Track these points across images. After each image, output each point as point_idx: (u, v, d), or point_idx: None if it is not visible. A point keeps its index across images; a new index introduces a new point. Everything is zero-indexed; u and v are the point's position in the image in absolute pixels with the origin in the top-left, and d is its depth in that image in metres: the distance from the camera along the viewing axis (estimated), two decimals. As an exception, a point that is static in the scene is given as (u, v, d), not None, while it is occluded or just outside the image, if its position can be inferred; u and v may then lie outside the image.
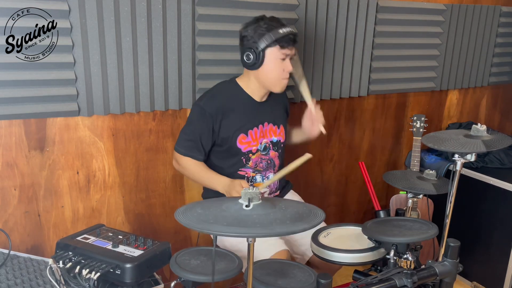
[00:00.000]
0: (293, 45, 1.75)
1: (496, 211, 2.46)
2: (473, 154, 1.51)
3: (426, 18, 2.69)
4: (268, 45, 1.70)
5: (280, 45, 1.71)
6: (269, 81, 1.79)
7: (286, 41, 1.71)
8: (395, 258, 1.44)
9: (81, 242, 1.56)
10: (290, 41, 1.72)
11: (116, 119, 1.93)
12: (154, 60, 1.91)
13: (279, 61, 1.74)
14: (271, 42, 1.70)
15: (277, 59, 1.73)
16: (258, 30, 1.71)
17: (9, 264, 1.48)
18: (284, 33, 1.70)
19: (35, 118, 1.77)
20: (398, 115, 2.85)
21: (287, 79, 1.80)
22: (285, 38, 1.70)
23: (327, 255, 1.47)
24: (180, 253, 1.47)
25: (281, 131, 1.96)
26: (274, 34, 1.69)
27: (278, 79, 1.78)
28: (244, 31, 1.75)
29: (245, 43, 1.75)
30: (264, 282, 1.34)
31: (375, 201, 2.28)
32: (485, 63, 3.06)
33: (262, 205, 1.12)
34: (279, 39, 1.70)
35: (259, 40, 1.70)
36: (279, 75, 1.77)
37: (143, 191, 2.07)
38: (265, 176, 1.92)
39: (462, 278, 2.64)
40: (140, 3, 1.81)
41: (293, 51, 1.76)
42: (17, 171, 1.79)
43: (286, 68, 1.76)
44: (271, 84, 1.80)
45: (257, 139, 1.87)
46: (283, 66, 1.75)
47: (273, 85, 1.81)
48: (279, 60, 1.73)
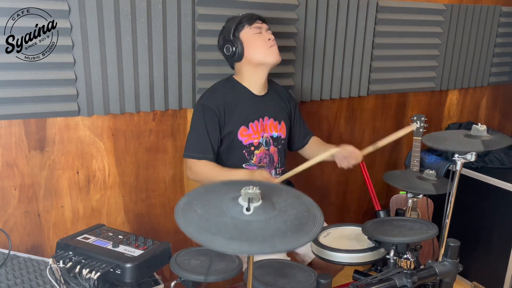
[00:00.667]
0: (260, 20, 1.82)
1: (496, 211, 2.46)
2: (473, 154, 1.51)
3: (426, 18, 2.69)
4: (237, 30, 1.79)
5: (247, 23, 1.79)
6: (259, 56, 1.81)
7: (249, 18, 1.80)
8: (395, 258, 1.44)
9: (81, 242, 1.56)
10: (254, 18, 1.81)
11: (116, 119, 1.93)
12: (154, 60, 1.91)
13: (256, 36, 1.80)
14: (238, 25, 1.79)
15: (253, 35, 1.80)
16: (226, 25, 1.83)
17: (9, 264, 1.48)
18: (245, 14, 1.81)
19: (35, 118, 1.77)
20: (398, 115, 2.85)
21: (275, 45, 1.83)
22: (246, 17, 1.80)
23: (327, 255, 1.47)
24: (180, 253, 1.47)
25: (283, 127, 1.94)
26: (236, 19, 1.80)
27: (265, 49, 1.81)
28: (219, 39, 1.87)
29: (220, 41, 1.85)
30: (264, 282, 1.34)
31: (375, 201, 2.28)
32: (485, 63, 3.06)
33: (263, 207, 1.11)
34: (243, 19, 1.79)
35: (229, 31, 1.80)
36: (263, 45, 1.81)
37: (143, 191, 2.07)
38: (269, 172, 1.92)
39: (462, 278, 2.64)
40: (140, 3, 1.81)
41: (264, 25, 1.83)
42: (17, 171, 1.79)
43: (266, 38, 1.81)
44: (261, 57, 1.81)
45: (258, 132, 1.86)
46: (262, 37, 1.81)
47: (263, 57, 1.82)
48: (256, 36, 1.80)
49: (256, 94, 1.88)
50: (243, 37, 1.79)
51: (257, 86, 1.87)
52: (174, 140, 2.08)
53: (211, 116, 1.78)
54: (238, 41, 1.78)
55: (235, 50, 1.79)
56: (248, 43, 1.79)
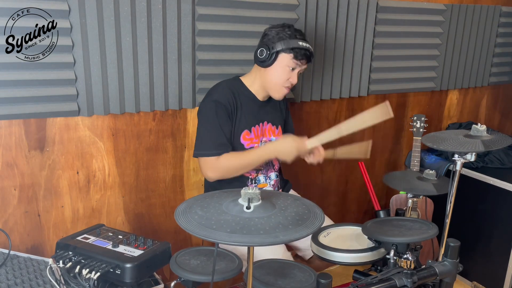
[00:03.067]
0: (306, 61, 1.79)
1: (496, 211, 2.46)
2: (473, 154, 1.51)
3: (426, 18, 2.69)
4: (284, 49, 1.74)
5: (294, 54, 1.74)
6: (272, 84, 1.81)
7: (302, 54, 1.75)
8: (395, 258, 1.44)
9: (81, 242, 1.56)
10: (305, 56, 1.76)
11: (116, 119, 1.93)
12: (154, 60, 1.91)
13: (288, 69, 1.77)
14: (287, 48, 1.73)
15: (286, 67, 1.76)
16: (281, 34, 1.75)
17: (9, 264, 1.48)
18: (303, 46, 1.75)
19: (35, 118, 1.77)
20: (398, 115, 2.85)
21: (288, 89, 1.83)
22: (301, 51, 1.75)
23: (327, 255, 1.47)
24: (180, 253, 1.47)
25: (279, 131, 1.98)
26: (293, 42, 1.74)
27: (280, 86, 1.81)
28: (268, 30, 1.80)
29: (264, 40, 1.79)
30: (264, 282, 1.34)
31: (375, 201, 2.28)
32: (485, 63, 3.06)
33: (263, 206, 1.12)
34: (296, 49, 1.74)
35: (278, 41, 1.74)
36: (283, 82, 1.80)
37: (143, 191, 2.07)
38: (267, 175, 1.93)
39: (462, 278, 2.64)
40: (140, 3, 1.81)
41: (304, 67, 1.81)
42: (17, 171, 1.79)
43: (291, 78, 1.79)
44: (272, 87, 1.83)
45: (258, 136, 1.88)
46: (290, 76, 1.78)
47: (273, 89, 1.83)
48: (288, 68, 1.77)
49: (260, 100, 1.89)
50: (280, 57, 1.75)
51: (262, 94, 1.89)
52: (174, 140, 2.08)
53: (224, 112, 1.77)
54: (274, 56, 1.75)
55: (265, 60, 1.76)
56: (277, 66, 1.77)
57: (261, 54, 1.77)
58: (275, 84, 1.81)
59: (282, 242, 1.03)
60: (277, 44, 1.74)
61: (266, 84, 1.83)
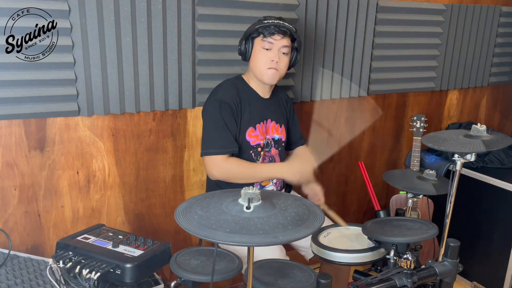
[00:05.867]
0: (281, 35, 1.76)
1: (496, 211, 2.46)
2: (473, 154, 1.51)
3: (426, 18, 2.69)
4: (252, 35, 1.78)
5: (263, 34, 1.76)
6: (256, 69, 1.82)
7: (269, 30, 1.75)
8: (395, 258, 1.44)
9: (81, 242, 1.56)
10: (275, 31, 1.75)
11: (116, 119, 1.93)
12: (154, 60, 1.91)
13: (263, 50, 1.77)
14: (254, 31, 1.77)
15: (262, 48, 1.77)
16: (251, 26, 1.80)
17: (9, 264, 1.48)
18: (267, 23, 1.75)
19: (35, 118, 1.77)
20: (398, 115, 2.85)
21: (274, 69, 1.79)
22: (266, 28, 1.75)
23: (327, 255, 1.47)
24: (180, 253, 1.47)
25: (283, 130, 1.97)
26: (258, 24, 1.77)
27: (263, 68, 1.80)
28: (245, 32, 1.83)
29: (241, 37, 1.83)
30: (264, 282, 1.34)
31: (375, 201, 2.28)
32: (485, 63, 3.06)
33: (263, 206, 1.12)
34: (260, 28, 1.76)
35: (248, 31, 1.80)
36: (264, 64, 1.79)
37: (143, 191, 2.07)
38: None
39: (462, 278, 2.64)
40: (140, 3, 1.81)
41: (280, 42, 1.76)
42: (17, 171, 1.79)
43: (272, 57, 1.77)
44: (258, 73, 1.83)
45: (263, 133, 1.89)
46: (268, 56, 1.77)
47: (260, 74, 1.82)
48: (263, 50, 1.77)
49: (262, 97, 1.89)
50: (254, 45, 1.79)
51: (263, 89, 1.89)
52: (174, 140, 2.08)
53: (228, 111, 1.77)
54: (249, 46, 1.79)
55: (245, 52, 1.81)
56: (254, 54, 1.80)
57: (240, 50, 1.82)
58: (259, 69, 1.81)
59: (282, 242, 1.03)
60: (247, 34, 1.79)
61: (255, 74, 1.84)
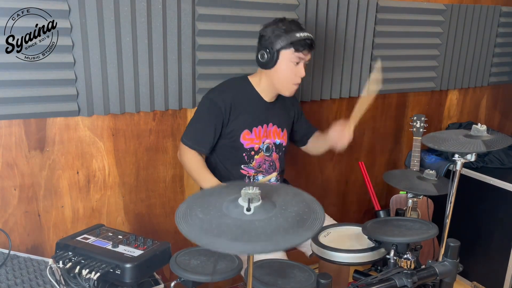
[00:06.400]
0: (308, 51, 1.75)
1: (496, 211, 2.46)
2: (473, 154, 1.51)
3: (426, 18, 2.69)
4: (283, 46, 1.71)
5: (295, 48, 1.71)
6: (280, 83, 1.80)
7: (302, 45, 1.71)
8: (395, 258, 1.44)
9: (81, 242, 1.56)
10: (306, 46, 1.72)
11: (116, 119, 1.93)
12: (154, 60, 1.91)
13: (292, 64, 1.74)
14: (286, 44, 1.70)
15: (290, 62, 1.73)
16: (276, 31, 1.72)
17: (9, 264, 1.48)
18: (301, 37, 1.70)
19: (35, 118, 1.77)
20: (398, 115, 2.85)
21: (298, 84, 1.80)
22: (301, 42, 1.70)
23: (327, 255, 1.47)
24: (180, 253, 1.47)
25: (285, 134, 1.97)
26: (290, 36, 1.70)
27: (289, 83, 1.79)
28: (262, 31, 1.76)
29: (262, 42, 1.76)
30: (264, 282, 1.34)
31: (375, 201, 2.28)
32: (485, 63, 3.06)
33: (263, 206, 1.11)
34: (295, 42, 1.70)
35: (275, 40, 1.71)
36: (291, 78, 1.77)
37: (143, 191, 2.07)
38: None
39: (462, 278, 2.64)
40: (140, 3, 1.81)
41: (308, 57, 1.76)
42: (17, 171, 1.79)
43: (298, 72, 1.76)
44: (281, 86, 1.81)
45: (260, 137, 1.88)
46: (296, 70, 1.75)
47: (283, 87, 1.81)
48: (292, 63, 1.74)
49: (266, 101, 1.89)
50: (282, 55, 1.72)
51: (269, 94, 1.88)
52: (174, 140, 2.08)
53: (215, 113, 1.78)
54: (275, 56, 1.72)
55: (267, 62, 1.74)
56: (281, 65, 1.74)
57: (262, 57, 1.75)
58: (283, 82, 1.79)
59: (283, 249, 1.02)
60: (275, 43, 1.71)
61: (274, 84, 1.81)
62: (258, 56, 1.76)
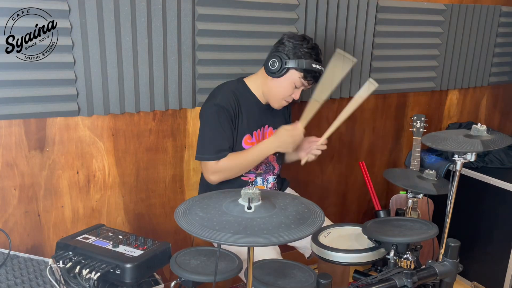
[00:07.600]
0: (314, 82, 1.79)
1: (496, 211, 2.46)
2: (473, 154, 1.51)
3: (426, 18, 2.69)
4: (296, 68, 1.73)
5: (304, 75, 1.74)
6: (273, 94, 1.82)
7: (312, 76, 1.76)
8: (395, 258, 1.44)
9: (81, 242, 1.56)
10: (314, 78, 1.77)
11: (116, 119, 1.93)
12: (154, 60, 1.91)
13: (294, 85, 1.78)
14: (299, 68, 1.73)
15: (293, 83, 1.77)
16: (297, 50, 1.73)
17: (9, 264, 1.48)
18: (315, 69, 1.75)
19: (35, 118, 1.77)
20: (398, 115, 2.85)
21: (288, 103, 1.86)
22: (312, 73, 1.75)
23: (327, 255, 1.47)
24: (180, 253, 1.47)
25: None
26: (307, 63, 1.73)
27: (282, 99, 1.82)
28: (286, 39, 1.76)
29: (279, 50, 1.76)
30: (264, 282, 1.34)
31: (375, 201, 2.29)
32: (485, 63, 3.06)
33: (263, 205, 1.12)
34: (307, 70, 1.74)
35: (292, 58, 1.73)
36: (285, 96, 1.81)
37: (143, 191, 2.07)
38: (264, 178, 1.92)
39: (462, 278, 2.64)
40: (140, 3, 1.81)
41: (309, 86, 1.82)
42: (17, 171, 1.79)
43: (294, 95, 1.81)
44: (273, 98, 1.84)
45: (259, 140, 1.88)
46: (293, 92, 1.80)
47: (274, 100, 1.84)
48: (293, 84, 1.77)
49: (262, 103, 1.89)
50: (289, 74, 1.74)
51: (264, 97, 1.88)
52: (174, 140, 2.08)
53: (226, 116, 1.76)
54: (284, 71, 1.74)
55: (274, 71, 1.75)
56: (283, 81, 1.77)
57: (272, 65, 1.75)
58: (276, 96, 1.82)
59: (287, 241, 1.03)
60: (290, 61, 1.73)
61: (268, 93, 1.84)
62: (269, 61, 1.76)
